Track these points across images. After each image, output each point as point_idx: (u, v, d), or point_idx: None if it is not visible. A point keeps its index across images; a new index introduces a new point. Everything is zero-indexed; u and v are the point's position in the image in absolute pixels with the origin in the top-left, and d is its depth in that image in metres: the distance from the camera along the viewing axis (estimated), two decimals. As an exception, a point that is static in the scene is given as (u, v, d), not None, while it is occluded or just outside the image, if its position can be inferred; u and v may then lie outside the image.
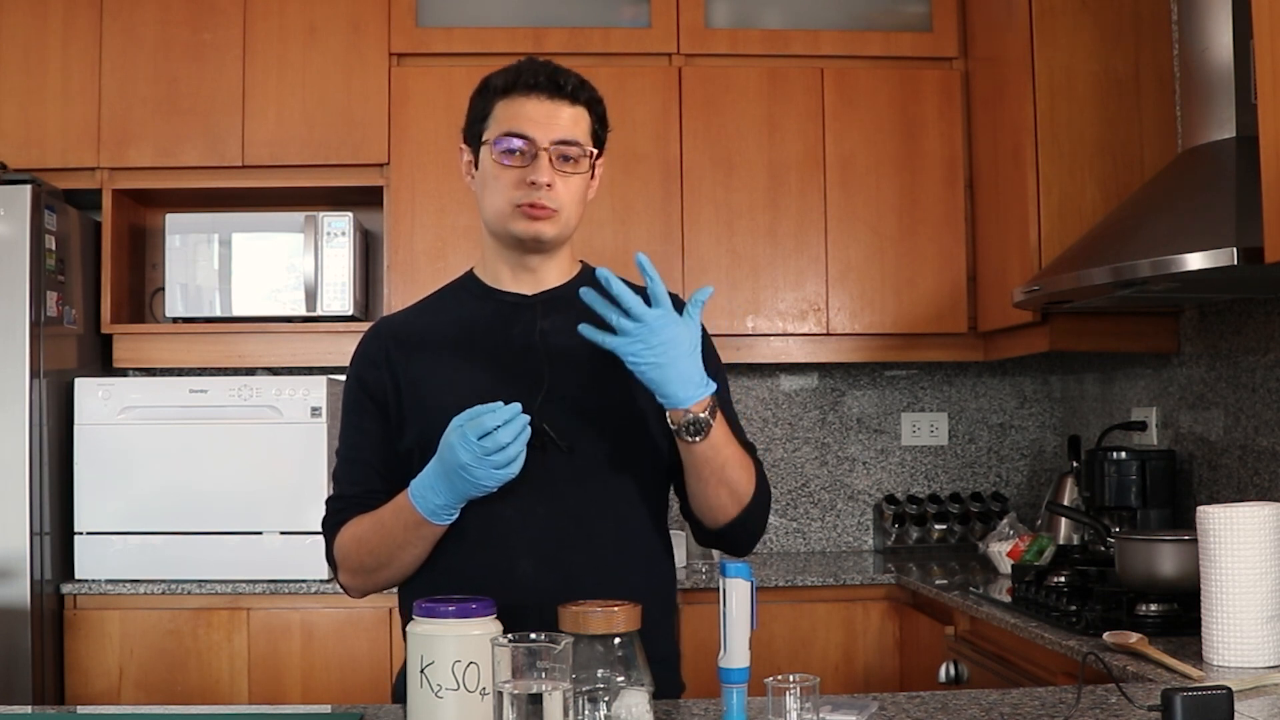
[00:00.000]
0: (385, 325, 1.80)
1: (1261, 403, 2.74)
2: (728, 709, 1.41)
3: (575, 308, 1.70)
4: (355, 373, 1.77)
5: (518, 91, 1.67)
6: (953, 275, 3.55)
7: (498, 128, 1.67)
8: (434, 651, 1.39)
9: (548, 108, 1.66)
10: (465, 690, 1.39)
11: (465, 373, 1.69)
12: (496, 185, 1.68)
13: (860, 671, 3.19)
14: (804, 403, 3.86)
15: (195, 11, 3.44)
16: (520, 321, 1.72)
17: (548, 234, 1.68)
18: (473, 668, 1.39)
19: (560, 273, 1.77)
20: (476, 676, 1.39)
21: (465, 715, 1.38)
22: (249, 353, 3.47)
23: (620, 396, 1.68)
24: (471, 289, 1.78)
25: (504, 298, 1.75)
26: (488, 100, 1.70)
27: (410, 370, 1.71)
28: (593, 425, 1.65)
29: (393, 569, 1.69)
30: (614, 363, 1.66)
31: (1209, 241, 2.25)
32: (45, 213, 3.11)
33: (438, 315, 1.78)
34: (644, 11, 3.57)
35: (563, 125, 1.66)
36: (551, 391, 1.65)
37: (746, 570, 1.42)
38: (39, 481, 3.06)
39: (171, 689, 3.09)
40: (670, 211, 3.50)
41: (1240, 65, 2.47)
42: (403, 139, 3.45)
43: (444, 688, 1.38)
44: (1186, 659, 1.87)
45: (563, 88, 1.67)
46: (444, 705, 1.38)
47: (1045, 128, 3.08)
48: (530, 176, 1.65)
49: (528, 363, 1.68)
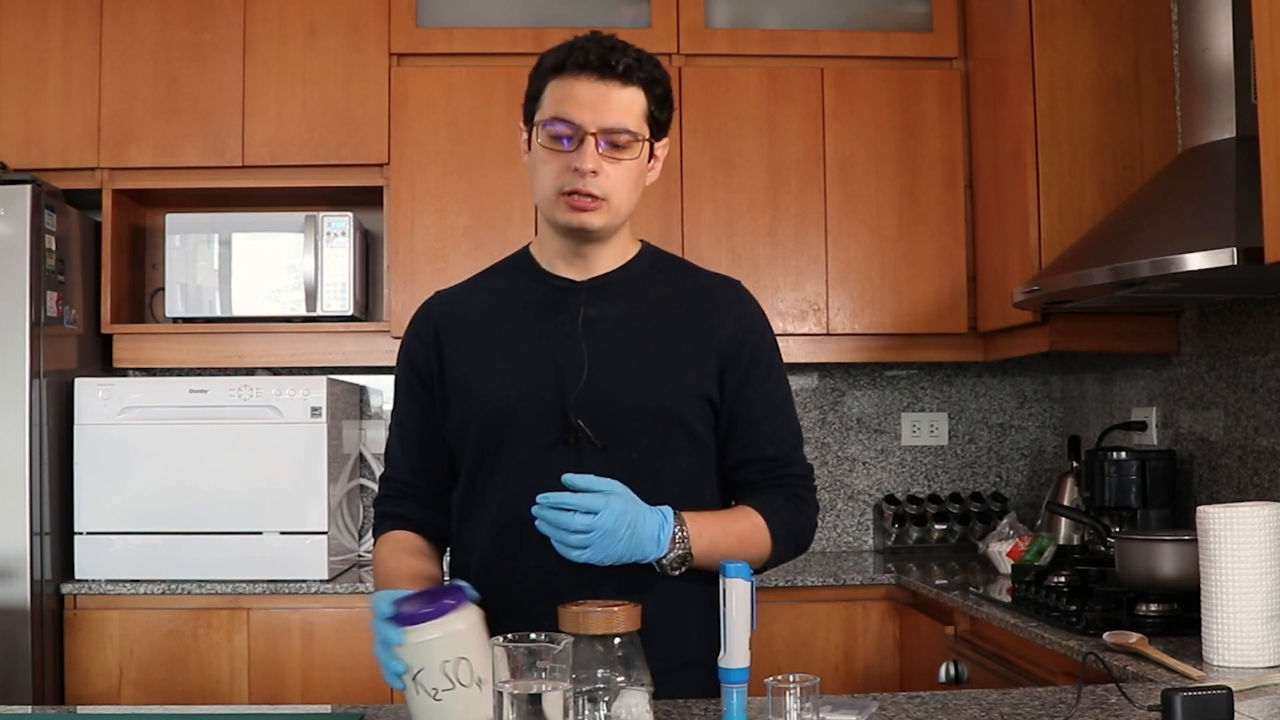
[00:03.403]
0: (438, 302, 1.78)
1: (1261, 403, 2.74)
2: (728, 709, 1.41)
3: (627, 294, 1.68)
4: (406, 350, 1.76)
5: (568, 71, 1.62)
6: (953, 275, 3.55)
7: (547, 109, 1.63)
8: (420, 658, 1.37)
9: (598, 90, 1.61)
10: (461, 687, 1.37)
11: (507, 361, 1.66)
12: (544, 170, 1.64)
13: (860, 671, 3.19)
14: (804, 403, 3.86)
15: (195, 11, 3.44)
16: (567, 308, 1.68)
17: (593, 224, 1.64)
18: (463, 663, 1.37)
19: (615, 256, 1.73)
20: (470, 670, 1.37)
21: (467, 712, 1.37)
22: (249, 353, 3.47)
23: (661, 392, 1.65)
24: (526, 269, 1.75)
25: (555, 282, 1.71)
26: (541, 78, 1.66)
27: (456, 355, 1.70)
28: (628, 422, 1.61)
29: None
30: (659, 356, 1.64)
31: (1209, 241, 2.25)
32: (45, 213, 3.11)
33: (490, 295, 1.74)
34: (644, 11, 3.57)
35: (612, 109, 1.61)
36: (589, 385, 1.62)
37: (746, 570, 1.41)
38: (39, 481, 3.06)
39: (171, 689, 3.09)
40: (670, 211, 3.50)
41: (1240, 65, 2.47)
42: (403, 139, 3.45)
43: (440, 690, 1.36)
44: (1186, 659, 1.87)
45: (614, 67, 1.61)
46: (444, 706, 1.37)
47: (1045, 128, 3.08)
48: (575, 163, 1.60)
49: (568, 353, 1.65)
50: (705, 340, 1.69)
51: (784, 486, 1.72)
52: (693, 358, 1.68)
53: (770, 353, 1.75)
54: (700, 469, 1.69)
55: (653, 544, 1.53)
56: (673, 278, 1.76)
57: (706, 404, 1.68)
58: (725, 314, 1.72)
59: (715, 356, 1.69)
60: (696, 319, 1.70)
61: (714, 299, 1.74)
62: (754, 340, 1.73)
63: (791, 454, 1.74)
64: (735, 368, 1.69)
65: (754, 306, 1.77)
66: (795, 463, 1.74)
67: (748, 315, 1.75)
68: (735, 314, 1.73)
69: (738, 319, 1.73)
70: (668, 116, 1.69)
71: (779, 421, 1.73)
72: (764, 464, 1.71)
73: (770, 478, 1.71)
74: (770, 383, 1.73)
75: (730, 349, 1.70)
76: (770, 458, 1.71)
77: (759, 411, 1.71)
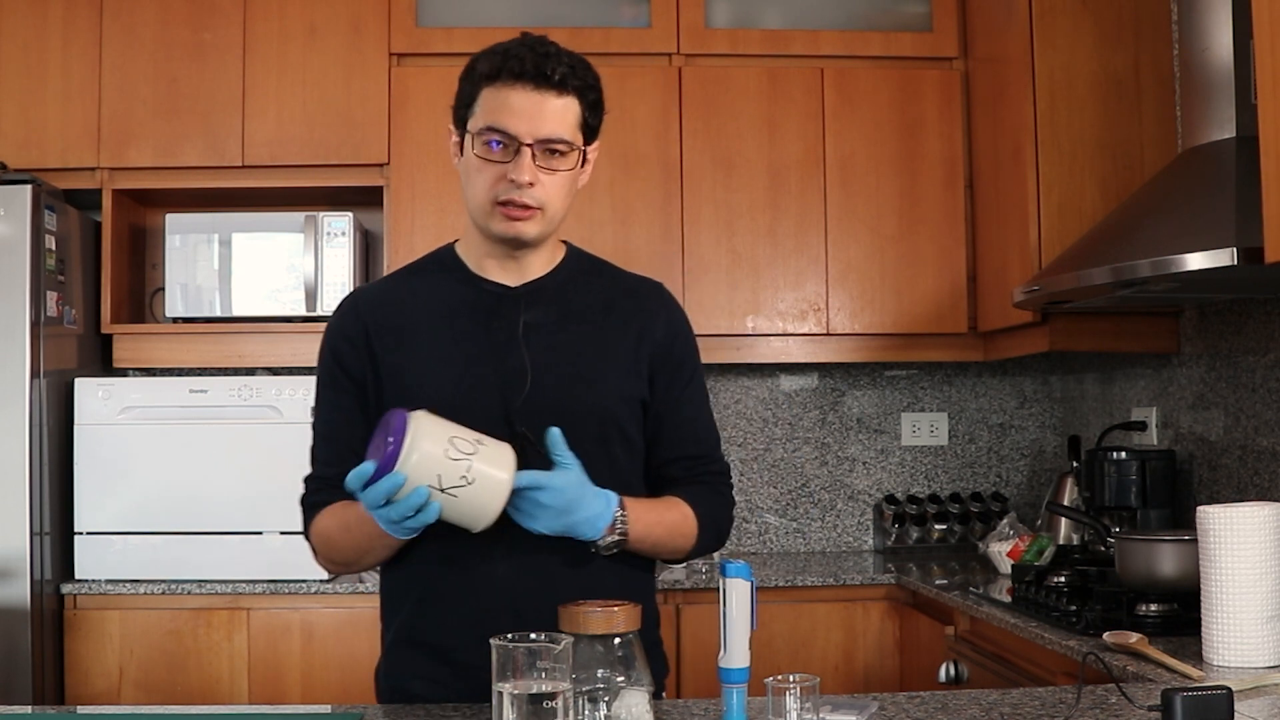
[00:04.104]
0: (363, 299, 1.75)
1: (1261, 403, 2.74)
2: (728, 709, 1.41)
3: (559, 299, 1.69)
4: (331, 346, 1.72)
5: (503, 79, 1.60)
6: (953, 275, 3.55)
7: (481, 118, 1.61)
8: (429, 468, 1.41)
9: (533, 99, 1.60)
10: (474, 454, 1.43)
11: (447, 365, 1.66)
12: (478, 179, 1.63)
13: (860, 671, 3.19)
14: (804, 403, 3.86)
15: (195, 11, 3.44)
16: (504, 314, 1.68)
17: (528, 234, 1.64)
18: (456, 439, 1.43)
19: (544, 262, 1.73)
20: (465, 439, 1.44)
21: (496, 464, 1.44)
22: (249, 353, 3.47)
23: (600, 397, 1.67)
24: (455, 271, 1.73)
25: (488, 287, 1.71)
26: (474, 84, 1.64)
27: (392, 358, 1.67)
28: (573, 427, 1.61)
29: (362, 564, 1.71)
30: (596, 362, 1.66)
31: (1209, 241, 2.25)
32: (45, 213, 3.11)
33: (418, 295, 1.72)
34: (644, 11, 3.57)
35: (548, 120, 1.60)
36: (533, 392, 1.63)
37: (746, 570, 1.41)
38: (39, 481, 3.06)
39: (171, 689, 3.09)
40: (670, 211, 3.50)
41: (1240, 65, 2.47)
42: (403, 139, 3.45)
43: (463, 473, 1.42)
44: (1186, 659, 1.87)
45: (549, 77, 1.60)
46: (478, 484, 1.43)
47: (1045, 128, 3.08)
48: (511, 174, 1.59)
49: (510, 359, 1.65)
50: (637, 344, 1.72)
51: (706, 483, 1.77)
52: (627, 362, 1.71)
53: (694, 356, 1.79)
54: (633, 469, 1.73)
55: (591, 526, 1.57)
56: (599, 280, 1.78)
57: (639, 406, 1.72)
58: (655, 318, 1.76)
59: (647, 360, 1.72)
60: (628, 323, 1.73)
61: (642, 303, 1.77)
62: (681, 344, 1.77)
63: (712, 452, 1.79)
64: (664, 370, 1.74)
65: (680, 310, 1.82)
66: (716, 460, 1.79)
67: (675, 320, 1.79)
68: (664, 318, 1.77)
69: (666, 323, 1.76)
70: (599, 121, 1.69)
71: (702, 422, 1.78)
72: (689, 461, 1.76)
73: (693, 474, 1.76)
74: (693, 385, 1.78)
75: (660, 352, 1.74)
76: (694, 455, 1.76)
77: (686, 413, 1.76)
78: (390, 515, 1.45)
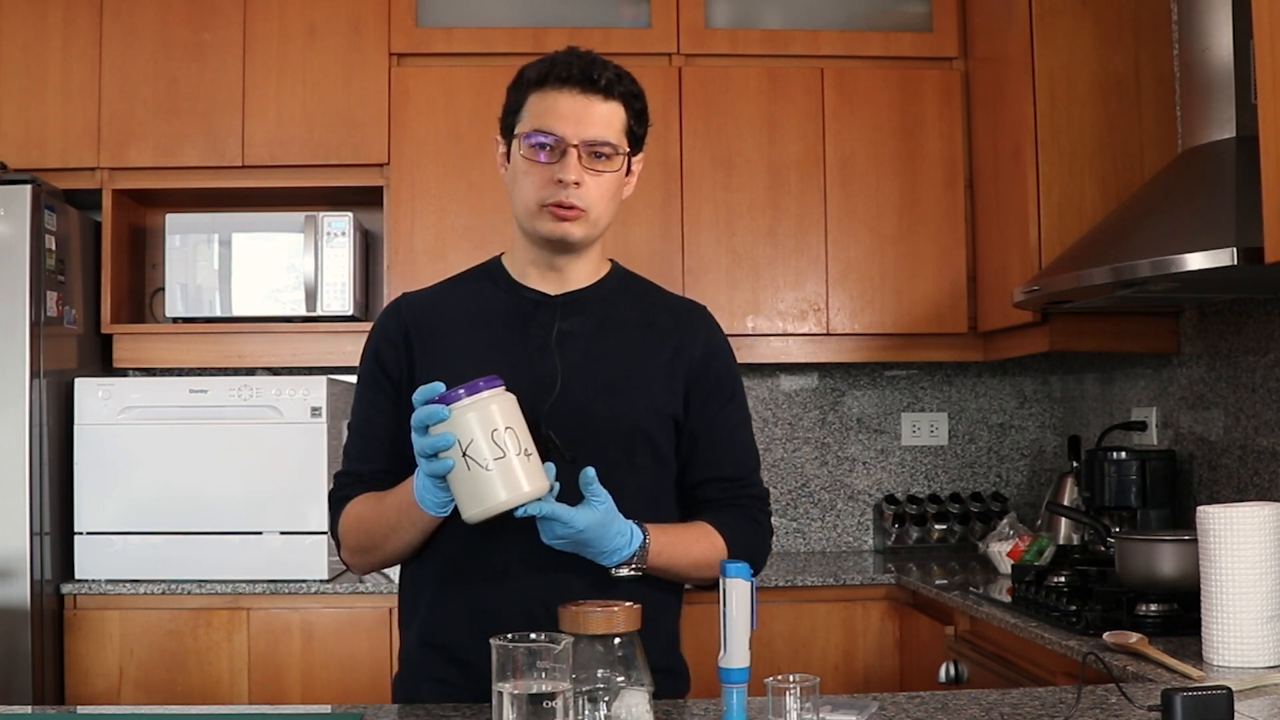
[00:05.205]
0: (407, 304, 1.78)
1: (1261, 403, 2.74)
2: (728, 709, 1.41)
3: (598, 311, 1.70)
4: (373, 348, 1.76)
5: (550, 84, 1.64)
6: (953, 275, 3.55)
7: (528, 122, 1.64)
8: (470, 430, 1.43)
9: (580, 103, 1.63)
10: (511, 455, 1.44)
11: (480, 369, 1.64)
12: (525, 182, 1.65)
13: (860, 671, 3.19)
14: (804, 403, 3.86)
15: (195, 11, 3.44)
16: (540, 321, 1.70)
17: (575, 235, 1.66)
18: (510, 433, 1.44)
19: (588, 273, 1.75)
20: (516, 440, 1.45)
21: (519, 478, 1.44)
22: (249, 353, 3.47)
23: (630, 408, 1.67)
24: (498, 279, 1.76)
25: (527, 294, 1.73)
26: (522, 92, 1.67)
27: (426, 359, 1.70)
28: (599, 436, 1.63)
29: (385, 551, 1.69)
30: (629, 374, 1.66)
31: (1209, 241, 2.25)
32: (45, 213, 3.11)
33: (461, 302, 1.75)
34: (644, 11, 3.57)
35: (594, 123, 1.63)
36: (562, 398, 1.64)
37: (746, 570, 1.42)
38: (39, 481, 3.06)
39: (171, 689, 3.09)
40: (670, 211, 3.50)
41: (1240, 65, 2.47)
42: (403, 139, 3.45)
43: (492, 459, 1.43)
44: (1186, 659, 1.87)
45: (596, 82, 1.63)
46: (495, 477, 1.43)
47: (1045, 128, 3.08)
48: (558, 175, 1.62)
49: (542, 365, 1.66)
50: (673, 361, 1.72)
51: (742, 507, 1.76)
52: (661, 377, 1.71)
53: (733, 378, 1.79)
54: (661, 484, 1.73)
55: (607, 559, 1.57)
56: (642, 298, 1.79)
57: (671, 422, 1.71)
58: (693, 337, 1.76)
59: (682, 377, 1.72)
60: (665, 340, 1.74)
61: (682, 322, 1.77)
62: (719, 364, 1.77)
63: (750, 476, 1.79)
64: (700, 389, 1.74)
65: (720, 332, 1.82)
66: (754, 485, 1.79)
67: (714, 340, 1.79)
68: (703, 337, 1.77)
69: (704, 342, 1.76)
70: (644, 132, 1.72)
71: (740, 444, 1.77)
72: (724, 483, 1.76)
73: (729, 496, 1.76)
74: (732, 406, 1.77)
75: (697, 371, 1.74)
76: (730, 477, 1.76)
77: (721, 434, 1.75)
78: (421, 444, 1.47)
